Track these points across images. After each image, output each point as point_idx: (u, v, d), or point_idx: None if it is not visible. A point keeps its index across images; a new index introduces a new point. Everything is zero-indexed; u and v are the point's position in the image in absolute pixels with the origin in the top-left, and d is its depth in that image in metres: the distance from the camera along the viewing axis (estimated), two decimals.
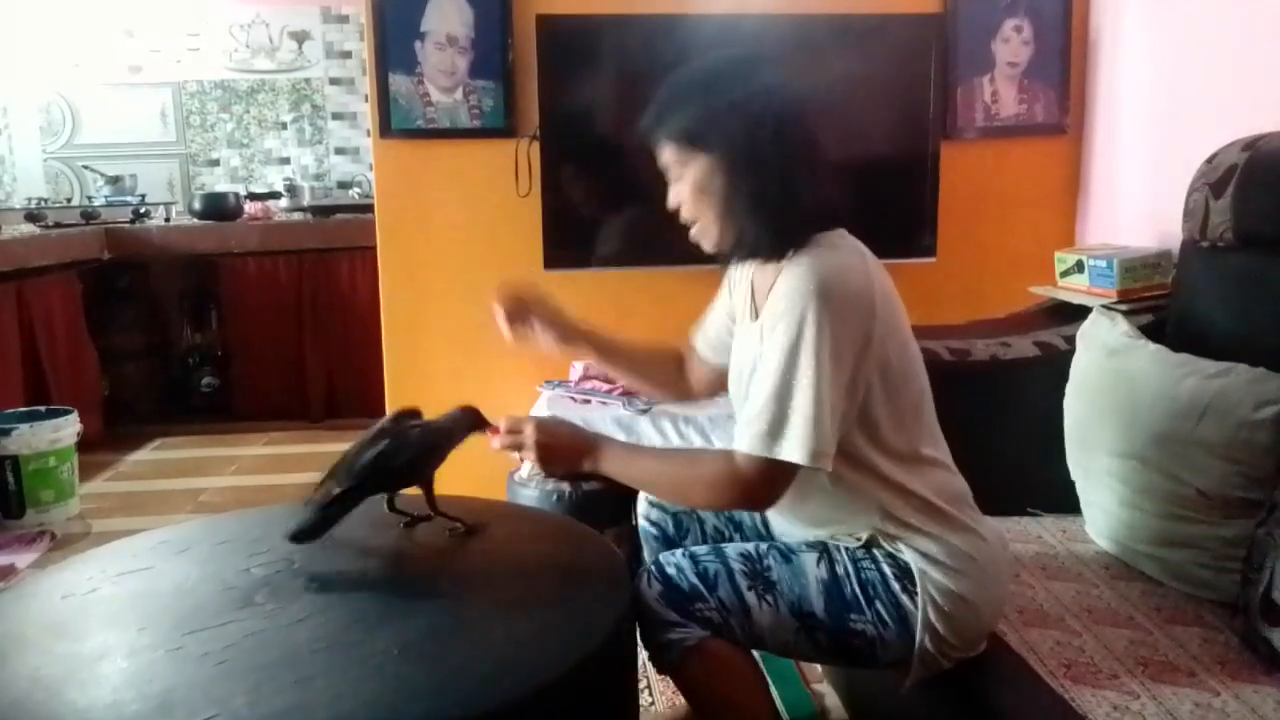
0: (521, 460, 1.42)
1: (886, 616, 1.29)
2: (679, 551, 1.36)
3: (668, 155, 1.32)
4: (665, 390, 1.69)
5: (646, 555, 1.63)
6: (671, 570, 1.32)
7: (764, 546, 1.36)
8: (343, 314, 4.27)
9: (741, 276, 1.44)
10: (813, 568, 1.32)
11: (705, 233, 1.33)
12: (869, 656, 1.32)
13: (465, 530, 1.46)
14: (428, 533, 1.48)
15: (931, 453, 1.34)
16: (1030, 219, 2.83)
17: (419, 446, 1.42)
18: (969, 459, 1.40)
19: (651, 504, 1.61)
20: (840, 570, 1.31)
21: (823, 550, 1.34)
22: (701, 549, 1.37)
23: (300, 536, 1.34)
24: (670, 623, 1.30)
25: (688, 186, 1.30)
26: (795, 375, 1.21)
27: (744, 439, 1.25)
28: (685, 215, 1.34)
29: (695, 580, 1.30)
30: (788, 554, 1.34)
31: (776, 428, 1.22)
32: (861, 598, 1.29)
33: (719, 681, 1.33)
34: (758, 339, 1.31)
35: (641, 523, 1.63)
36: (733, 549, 1.35)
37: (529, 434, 1.39)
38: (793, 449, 1.21)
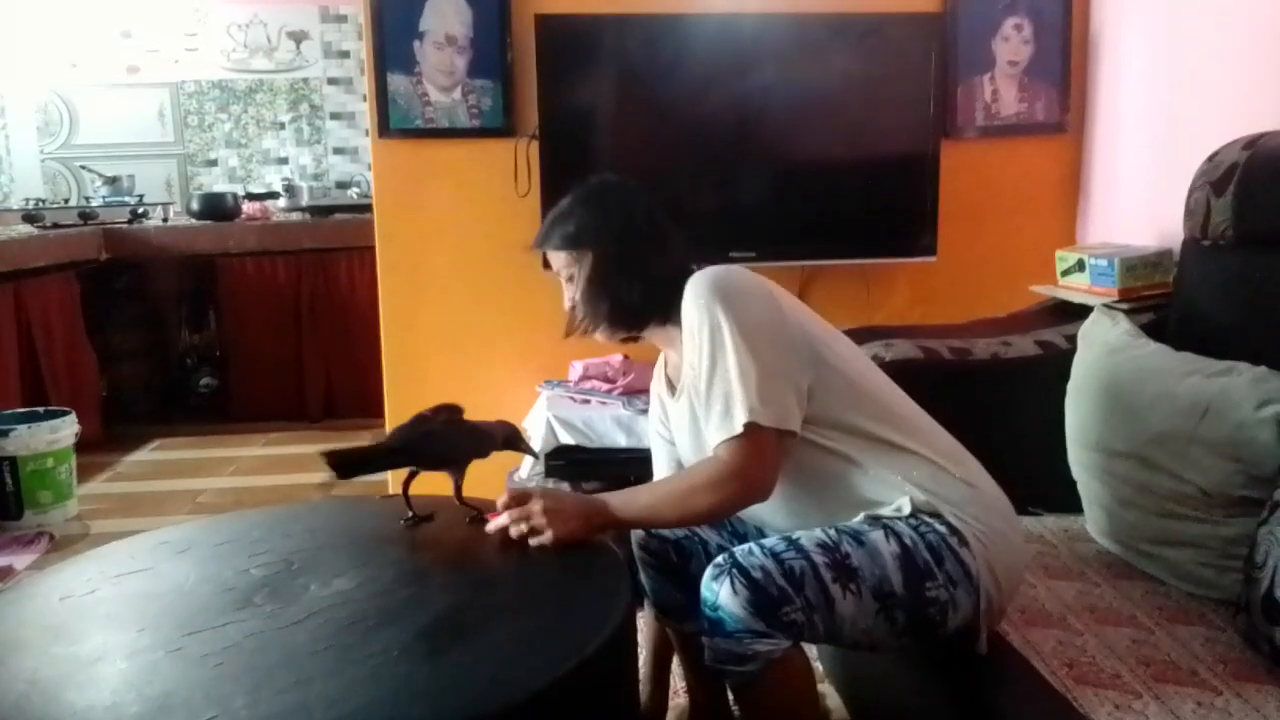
0: (530, 536, 1.40)
1: (955, 575, 1.29)
2: (754, 549, 1.28)
3: (560, 261, 1.52)
4: None
5: (645, 582, 1.63)
6: (758, 574, 1.24)
7: (833, 533, 1.31)
8: (341, 314, 4.27)
9: (657, 374, 1.61)
10: (884, 544, 1.29)
11: (596, 314, 1.50)
12: (940, 625, 1.30)
13: (479, 518, 1.49)
14: (428, 534, 1.48)
15: (904, 411, 1.42)
16: (1031, 218, 2.82)
17: (467, 436, 1.53)
18: None
19: (650, 533, 1.61)
20: (907, 541, 1.30)
21: (884, 526, 1.32)
22: (777, 544, 1.29)
23: (338, 464, 1.39)
24: (756, 633, 1.23)
25: (581, 281, 1.50)
26: (722, 357, 1.34)
27: (713, 434, 1.35)
28: (579, 310, 1.51)
29: (783, 583, 1.24)
30: (858, 537, 1.31)
31: (728, 407, 1.32)
32: (932, 561, 1.29)
33: (792, 695, 1.31)
34: (682, 410, 1.48)
35: (637, 551, 1.62)
36: (808, 539, 1.30)
37: (537, 506, 1.40)
38: (740, 415, 1.31)
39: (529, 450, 1.64)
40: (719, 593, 1.24)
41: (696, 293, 1.38)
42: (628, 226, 1.50)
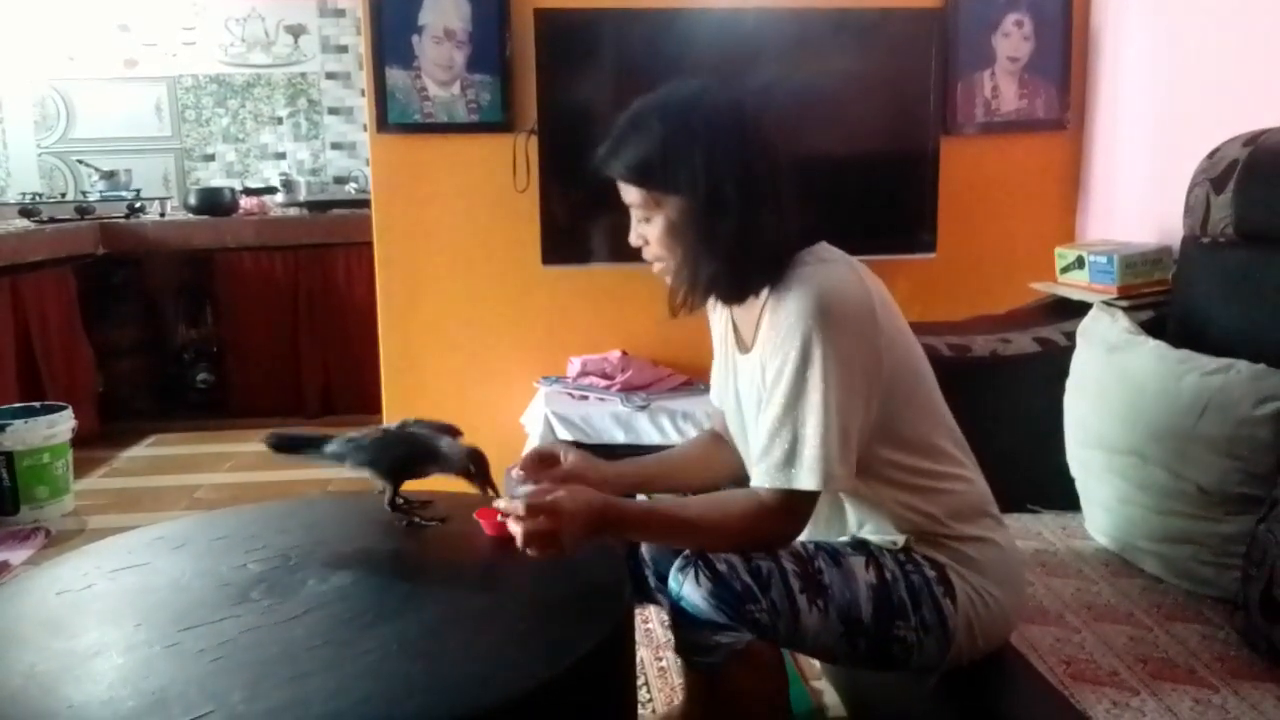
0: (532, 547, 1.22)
1: (929, 622, 1.26)
2: None
3: (632, 195, 1.28)
4: (728, 470, 1.54)
5: (645, 553, 1.61)
6: (723, 567, 1.22)
7: (811, 546, 1.29)
8: (339, 310, 4.25)
9: (717, 317, 1.45)
10: (862, 572, 1.26)
11: (671, 273, 1.30)
12: (903, 662, 1.28)
13: (414, 524, 1.47)
14: (425, 531, 1.47)
15: (945, 466, 1.32)
16: (1030, 215, 2.82)
17: (410, 450, 1.46)
18: None
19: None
20: (888, 575, 1.27)
21: (868, 553, 1.29)
22: None
23: (276, 442, 1.46)
24: (718, 624, 1.21)
25: (657, 229, 1.27)
26: (804, 400, 1.20)
27: (761, 473, 1.24)
28: (650, 254, 1.31)
29: (748, 579, 1.21)
30: (836, 556, 1.28)
31: (790, 456, 1.21)
32: (909, 603, 1.25)
33: (757, 686, 1.28)
34: (753, 369, 1.31)
35: None
36: None
37: (545, 527, 1.20)
38: (808, 476, 1.20)
39: (488, 486, 1.45)
40: (683, 584, 1.23)
41: (802, 301, 1.20)
42: (744, 171, 1.22)
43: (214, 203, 4.34)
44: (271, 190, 4.60)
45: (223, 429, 4.15)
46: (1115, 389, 1.65)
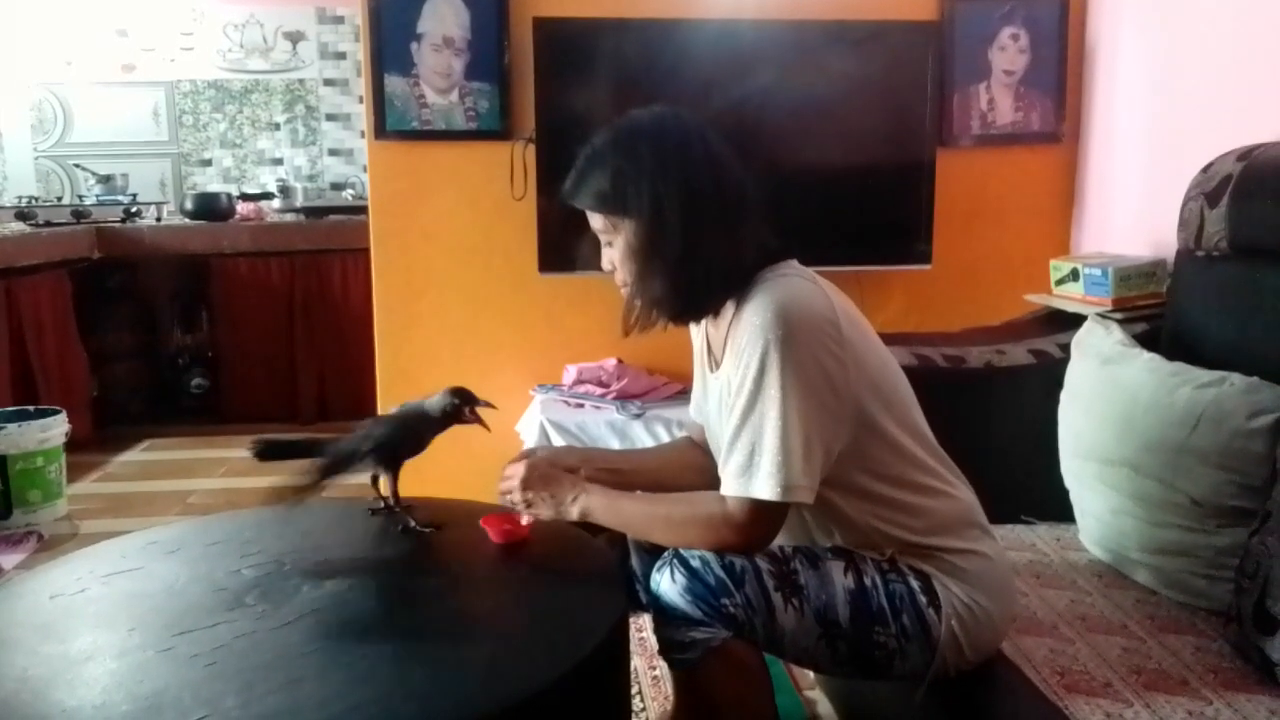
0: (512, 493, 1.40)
1: (912, 631, 1.26)
2: None
3: (595, 221, 1.34)
4: (702, 476, 1.55)
5: (635, 564, 1.62)
6: (696, 563, 1.24)
7: (788, 548, 1.30)
8: (335, 316, 4.26)
9: (697, 332, 1.47)
10: (840, 577, 1.27)
11: (650, 302, 1.34)
12: (885, 668, 1.29)
13: (429, 529, 1.47)
14: (421, 536, 1.47)
15: (925, 480, 1.32)
16: (1026, 227, 2.84)
17: (396, 434, 1.47)
18: (963, 467, 1.40)
19: None
20: (868, 581, 1.27)
21: (849, 559, 1.30)
22: None
23: (261, 450, 1.42)
24: (694, 620, 1.23)
25: (617, 252, 1.33)
26: (762, 410, 1.22)
27: (724, 480, 1.27)
28: (618, 279, 1.37)
29: (721, 574, 1.23)
30: (814, 559, 1.29)
31: (748, 465, 1.23)
32: (889, 610, 1.26)
33: (736, 685, 1.27)
34: (722, 388, 1.34)
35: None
36: None
37: (517, 479, 1.39)
38: (764, 485, 1.21)
39: (477, 415, 1.48)
40: (660, 582, 1.26)
41: (761, 313, 1.23)
42: (687, 194, 1.27)
43: (210, 208, 4.35)
44: (268, 196, 4.60)
45: (217, 434, 4.14)
46: (1109, 401, 1.66)
